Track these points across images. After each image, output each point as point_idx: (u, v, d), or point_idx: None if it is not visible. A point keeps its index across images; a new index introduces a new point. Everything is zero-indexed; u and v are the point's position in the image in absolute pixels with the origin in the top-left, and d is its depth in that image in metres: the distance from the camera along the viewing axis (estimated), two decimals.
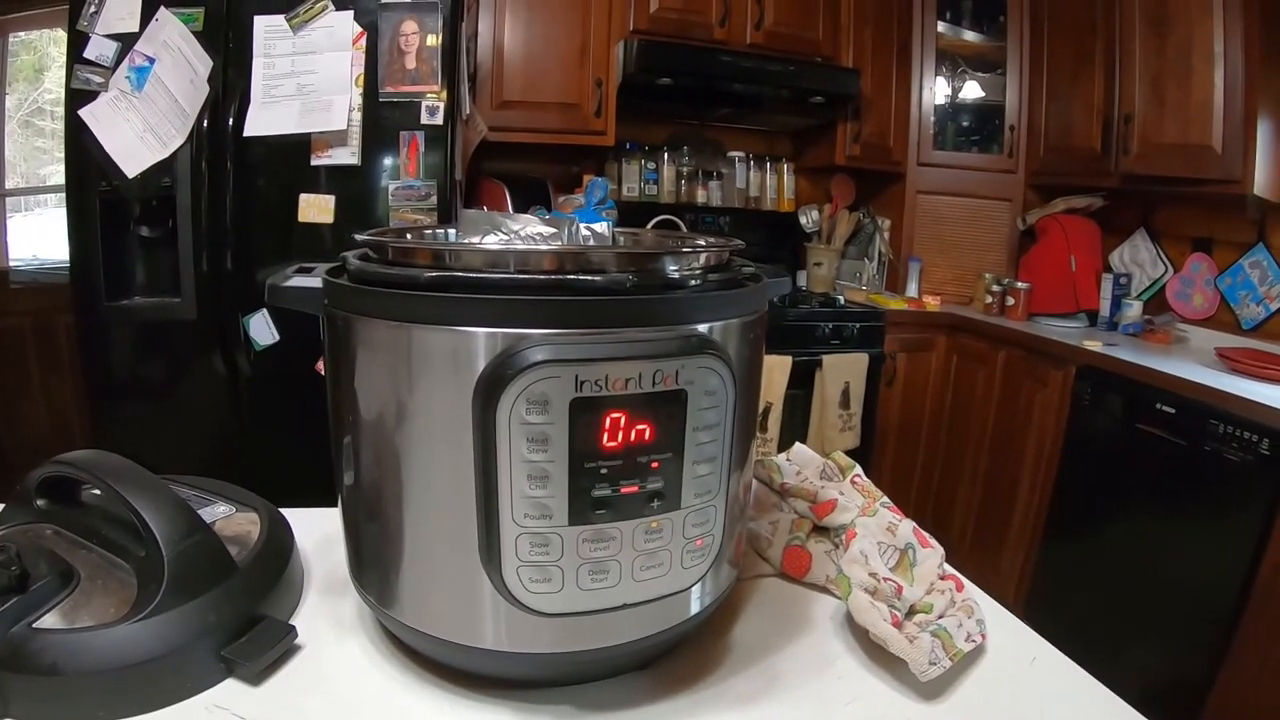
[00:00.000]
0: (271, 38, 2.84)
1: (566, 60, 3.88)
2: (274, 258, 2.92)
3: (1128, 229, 4.31)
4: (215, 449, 3.07)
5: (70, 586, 0.82)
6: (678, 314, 0.73)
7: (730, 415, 0.77)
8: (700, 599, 0.85)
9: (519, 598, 0.74)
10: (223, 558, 0.88)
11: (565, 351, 0.67)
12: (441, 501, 0.75)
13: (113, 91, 2.82)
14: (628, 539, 0.74)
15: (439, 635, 0.80)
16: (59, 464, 0.91)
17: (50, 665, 0.74)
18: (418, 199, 2.92)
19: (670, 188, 4.71)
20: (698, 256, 0.80)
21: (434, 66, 2.89)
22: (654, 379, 0.70)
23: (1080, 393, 3.49)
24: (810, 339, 3.96)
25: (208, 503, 1.05)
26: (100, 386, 3.05)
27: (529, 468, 0.69)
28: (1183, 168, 3.52)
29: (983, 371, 4.13)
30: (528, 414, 0.68)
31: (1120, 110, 3.81)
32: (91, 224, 2.88)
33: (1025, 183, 4.66)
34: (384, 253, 0.81)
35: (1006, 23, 4.60)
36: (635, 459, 0.71)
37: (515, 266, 0.72)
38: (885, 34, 4.52)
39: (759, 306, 0.83)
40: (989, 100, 4.75)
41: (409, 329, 0.71)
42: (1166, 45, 3.56)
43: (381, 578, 0.83)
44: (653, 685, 0.86)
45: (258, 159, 2.87)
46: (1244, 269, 3.73)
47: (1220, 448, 2.81)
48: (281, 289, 0.86)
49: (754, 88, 4.16)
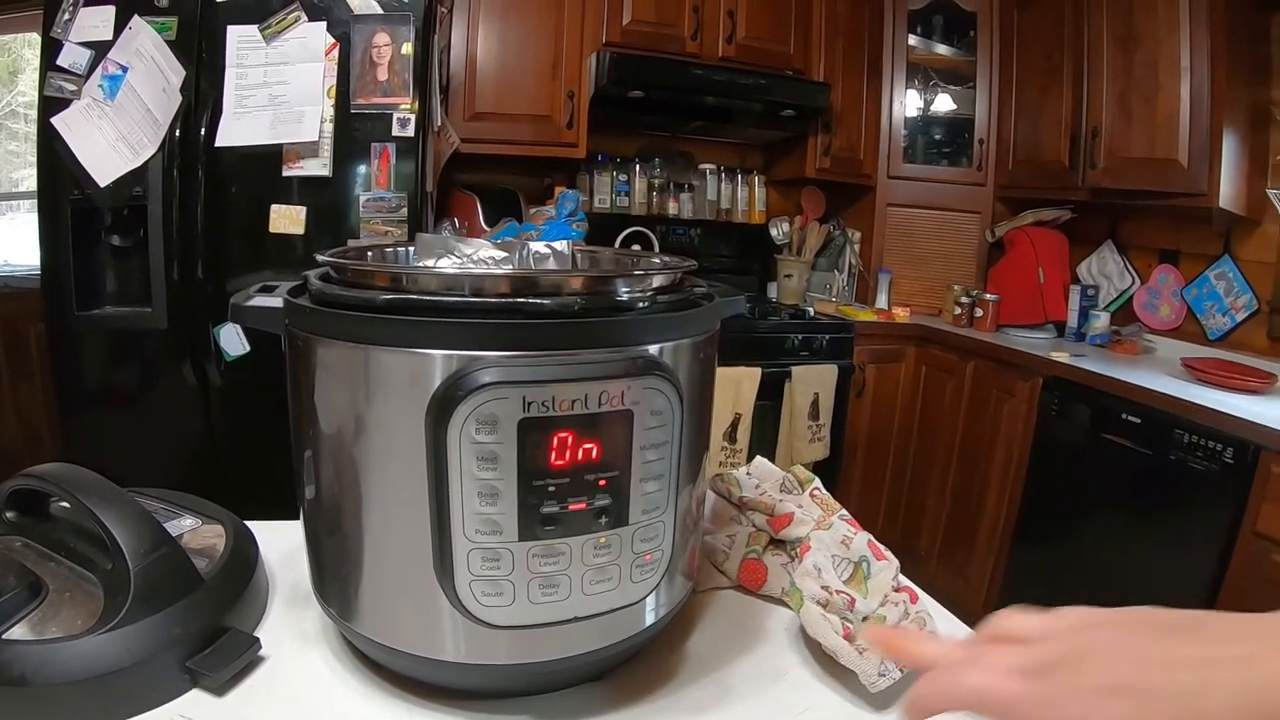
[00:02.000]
0: (244, 48, 2.84)
1: (539, 72, 3.89)
2: (245, 268, 2.93)
3: (1095, 241, 4.36)
4: (185, 459, 3.06)
5: (39, 598, 0.83)
6: (625, 336, 0.75)
7: (678, 433, 0.79)
8: (654, 611, 0.86)
9: (472, 611, 0.75)
10: (188, 570, 0.89)
11: (513, 373, 0.69)
12: (398, 517, 0.77)
13: (85, 99, 2.83)
14: (577, 554, 0.76)
15: (398, 647, 0.82)
16: (28, 477, 0.92)
17: (19, 676, 0.75)
18: (389, 210, 2.93)
19: (641, 200, 4.71)
20: (650, 278, 0.82)
21: (406, 78, 2.90)
22: (600, 400, 0.72)
23: (1047, 403, 3.52)
24: (780, 350, 3.98)
25: (174, 516, 1.06)
26: (71, 396, 3.04)
27: (479, 485, 0.71)
28: (1149, 181, 3.57)
29: (951, 382, 4.16)
30: (478, 433, 0.69)
31: (1088, 124, 3.85)
32: (63, 232, 2.87)
33: (994, 195, 4.69)
34: (344, 274, 0.82)
35: (976, 37, 4.64)
36: (583, 477, 0.73)
37: (469, 290, 0.73)
38: (856, 47, 4.55)
39: (710, 326, 0.85)
40: (959, 114, 4.79)
41: (366, 350, 0.73)
42: (1133, 61, 3.61)
43: (342, 591, 0.85)
44: (609, 695, 0.88)
45: (229, 169, 2.87)
46: (1210, 280, 3.77)
47: (1185, 457, 2.84)
48: (244, 308, 0.88)
49: (725, 101, 4.19)
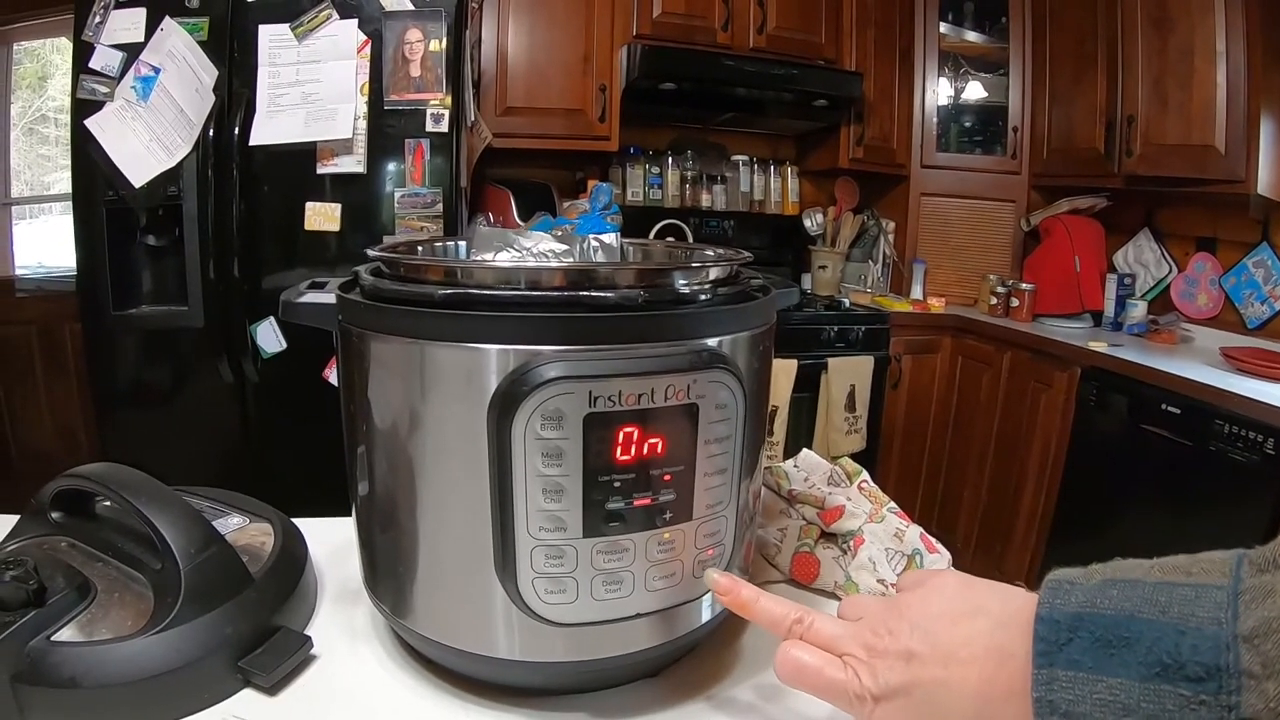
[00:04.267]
0: (276, 47, 2.85)
1: (570, 66, 3.88)
2: (280, 266, 2.94)
3: (1132, 229, 4.32)
4: (223, 457, 3.07)
5: (87, 599, 0.82)
6: (689, 329, 0.74)
7: (740, 427, 0.77)
8: (711, 607, 0.85)
9: (534, 608, 0.74)
10: (238, 570, 0.88)
11: (579, 368, 0.68)
12: (456, 514, 0.76)
13: (118, 101, 2.83)
14: (641, 550, 0.75)
15: (454, 645, 0.81)
16: (73, 477, 0.92)
17: (69, 678, 0.74)
18: (423, 207, 2.93)
19: (674, 192, 4.70)
20: (707, 270, 0.81)
21: (438, 74, 2.90)
22: (666, 394, 0.70)
23: (1085, 394, 3.49)
24: (815, 342, 3.96)
25: (221, 514, 1.05)
26: (107, 395, 3.06)
27: (544, 482, 0.70)
28: (1186, 168, 3.53)
29: (988, 373, 4.13)
30: (542, 429, 0.68)
31: (1123, 111, 3.81)
32: (98, 233, 2.89)
33: (1029, 184, 4.66)
34: (397, 269, 0.81)
35: (1009, 24, 4.60)
36: (648, 472, 0.72)
37: (528, 284, 0.72)
38: (888, 36, 4.52)
39: (768, 319, 0.84)
40: (992, 101, 4.76)
41: (423, 345, 0.72)
42: (1168, 46, 3.57)
43: (396, 588, 0.84)
44: (665, 692, 0.87)
45: (263, 168, 2.88)
46: (1248, 268, 3.73)
47: (1226, 448, 2.81)
48: (295, 305, 0.87)
49: (757, 92, 4.17)
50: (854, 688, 0.62)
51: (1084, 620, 0.50)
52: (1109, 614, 0.49)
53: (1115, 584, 0.51)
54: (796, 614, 0.70)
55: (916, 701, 0.59)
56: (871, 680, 0.61)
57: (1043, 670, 0.50)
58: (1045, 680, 0.49)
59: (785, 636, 0.69)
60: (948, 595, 0.63)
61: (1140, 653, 0.46)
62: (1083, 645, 0.49)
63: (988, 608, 0.60)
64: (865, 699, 0.61)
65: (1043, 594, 0.53)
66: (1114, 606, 0.49)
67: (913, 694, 0.59)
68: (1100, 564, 0.55)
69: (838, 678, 0.64)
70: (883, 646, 0.62)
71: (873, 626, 0.65)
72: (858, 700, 0.62)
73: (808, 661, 0.66)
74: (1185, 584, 0.48)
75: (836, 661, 0.65)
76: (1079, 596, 0.51)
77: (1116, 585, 0.51)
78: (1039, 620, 0.52)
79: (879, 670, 0.61)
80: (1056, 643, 0.50)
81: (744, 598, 0.75)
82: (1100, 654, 0.48)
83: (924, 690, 0.58)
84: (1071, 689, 0.48)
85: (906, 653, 0.60)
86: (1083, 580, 0.53)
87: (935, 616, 0.62)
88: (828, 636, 0.67)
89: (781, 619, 0.70)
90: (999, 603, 0.60)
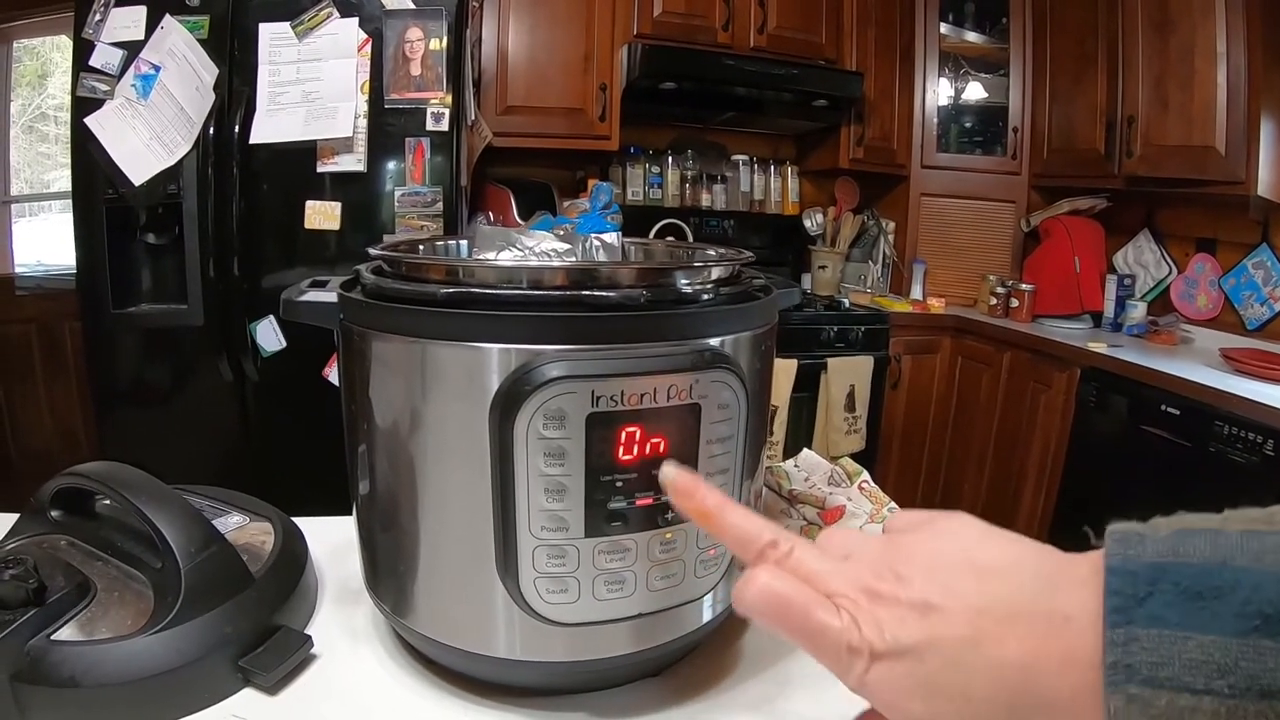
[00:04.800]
0: (277, 45, 2.84)
1: (570, 65, 3.88)
2: (280, 265, 2.93)
3: (1131, 230, 4.31)
4: (222, 456, 3.07)
5: (87, 598, 0.82)
6: (691, 329, 0.74)
7: (743, 427, 0.78)
8: (713, 607, 0.85)
9: (536, 608, 0.74)
10: (239, 569, 0.88)
11: (582, 367, 0.68)
12: (458, 513, 0.76)
13: (118, 99, 2.83)
14: (643, 550, 0.75)
15: (455, 644, 0.81)
16: (73, 475, 0.92)
17: (69, 677, 0.74)
18: (424, 205, 2.93)
19: (674, 192, 4.70)
20: (709, 270, 0.81)
21: (439, 73, 2.89)
22: (669, 393, 0.70)
23: (1085, 394, 3.49)
24: (815, 342, 3.96)
25: (222, 513, 1.05)
26: (107, 394, 3.05)
27: (546, 481, 0.70)
28: (1186, 169, 3.53)
29: (987, 373, 4.13)
30: (545, 429, 0.68)
31: (1123, 112, 3.81)
32: (97, 231, 2.89)
33: (1029, 184, 4.66)
34: (398, 267, 0.81)
35: (1009, 24, 4.60)
36: (650, 471, 0.72)
37: (530, 283, 0.72)
38: (888, 36, 4.52)
39: (769, 319, 0.84)
40: (992, 102, 4.76)
41: (425, 345, 0.72)
42: (1169, 46, 3.57)
43: (397, 587, 0.84)
44: (666, 692, 0.87)
45: (263, 166, 2.88)
46: (1248, 269, 3.73)
47: (1225, 449, 2.81)
48: (296, 304, 0.86)
49: (757, 91, 4.17)
50: (849, 638, 0.48)
51: (1166, 570, 0.41)
52: (1195, 563, 0.41)
53: (1193, 533, 0.43)
54: (771, 535, 0.53)
55: (932, 667, 0.46)
56: (875, 632, 0.48)
57: (1118, 630, 0.41)
58: (1121, 641, 0.40)
59: (753, 562, 0.53)
60: (966, 542, 0.52)
61: (1236, 604, 0.39)
62: (1166, 599, 0.40)
63: (1023, 561, 0.49)
64: (861, 654, 0.47)
65: (1110, 545, 0.44)
66: (1199, 555, 0.42)
67: (926, 657, 0.46)
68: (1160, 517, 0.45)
69: (829, 623, 0.48)
70: (889, 593, 0.49)
71: (872, 568, 0.51)
72: (850, 654, 0.48)
73: (790, 595, 0.50)
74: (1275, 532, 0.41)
75: (827, 603, 0.49)
76: (1155, 546, 0.43)
77: (1195, 534, 0.43)
78: (1110, 572, 0.43)
79: (885, 622, 0.48)
80: (1135, 597, 0.41)
81: (707, 505, 0.57)
82: (1188, 608, 0.40)
83: (944, 653, 0.46)
84: (1155, 650, 0.40)
85: (923, 604, 0.48)
86: (1150, 532, 0.44)
87: (955, 565, 0.50)
88: (811, 570, 0.52)
89: (753, 538, 0.54)
90: (1035, 555, 0.49)
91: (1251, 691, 0.37)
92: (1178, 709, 0.38)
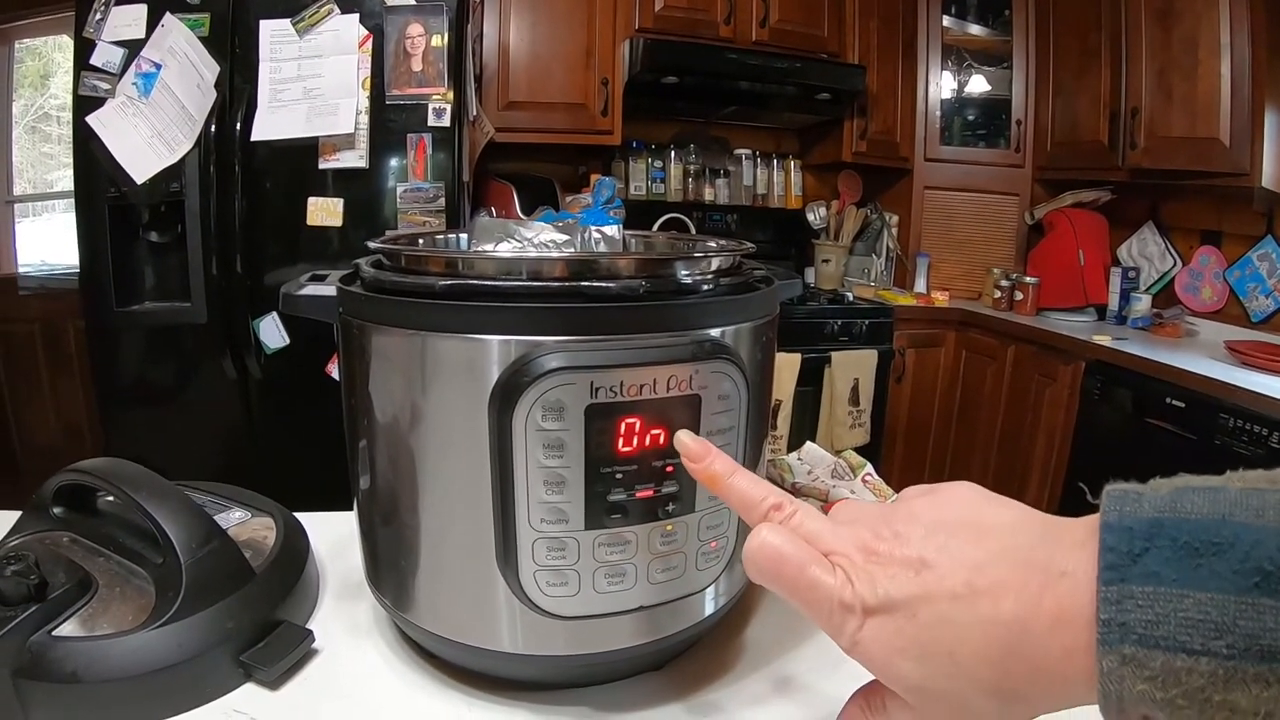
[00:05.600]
0: (277, 42, 2.84)
1: (572, 60, 3.88)
2: (283, 261, 2.94)
3: (1136, 222, 4.31)
4: (226, 452, 3.08)
5: (89, 594, 0.82)
6: (691, 319, 0.73)
7: (743, 418, 0.77)
8: (714, 600, 0.85)
9: (536, 601, 0.74)
10: (240, 564, 0.88)
11: (580, 358, 0.68)
12: (458, 507, 0.75)
13: (120, 98, 2.83)
14: (643, 542, 0.74)
15: (456, 638, 0.80)
16: (75, 472, 0.91)
17: (70, 673, 0.74)
18: (426, 201, 2.93)
19: (677, 186, 4.71)
20: (709, 261, 0.80)
21: (440, 68, 2.89)
22: (668, 384, 0.70)
23: (1090, 387, 3.49)
24: (819, 336, 3.97)
25: (223, 509, 1.05)
26: (110, 391, 3.06)
27: (545, 473, 0.70)
28: (1190, 161, 3.52)
29: (992, 367, 4.13)
30: (544, 420, 0.68)
31: (1127, 104, 3.81)
32: (100, 230, 2.89)
33: (1032, 177, 4.66)
34: (397, 260, 0.81)
35: (1012, 16, 4.60)
36: (650, 463, 0.72)
37: (529, 274, 0.72)
38: (891, 29, 4.52)
39: (770, 310, 0.83)
40: (995, 94, 4.76)
41: (424, 337, 0.72)
42: (1172, 38, 3.56)
43: (398, 582, 0.83)
44: (668, 686, 0.86)
45: (265, 163, 2.88)
46: (1252, 261, 3.72)
47: (1231, 442, 2.81)
48: (296, 297, 0.86)
49: (760, 85, 4.17)
50: (842, 594, 0.49)
51: (1163, 526, 0.41)
52: (1194, 518, 0.40)
53: (1193, 490, 0.42)
54: (776, 498, 0.57)
55: (922, 623, 0.47)
56: (868, 587, 0.49)
57: (1112, 587, 0.40)
58: (1115, 599, 0.40)
59: (756, 524, 0.56)
60: (967, 505, 0.53)
61: (1234, 560, 0.38)
62: (1163, 555, 0.40)
63: (1021, 523, 0.50)
64: (853, 610, 0.49)
65: (1106, 502, 0.44)
66: (1198, 511, 0.40)
67: (919, 612, 0.47)
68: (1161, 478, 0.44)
69: (822, 579, 0.50)
70: (885, 550, 0.50)
71: (872, 528, 0.52)
72: (842, 610, 0.50)
73: (787, 551, 0.52)
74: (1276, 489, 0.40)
75: (823, 560, 0.51)
76: (1153, 502, 0.42)
77: (1195, 491, 0.42)
78: (1105, 528, 0.42)
79: (878, 578, 0.49)
80: (1130, 553, 0.40)
81: (715, 469, 0.61)
82: (1185, 564, 0.39)
83: (935, 608, 0.47)
84: (1150, 607, 0.39)
85: (918, 560, 0.49)
86: (1149, 491, 0.43)
87: (953, 525, 0.50)
88: (811, 530, 0.54)
89: (758, 501, 0.57)
90: (1033, 518, 0.50)
91: (1250, 652, 0.37)
92: (1173, 670, 0.38)
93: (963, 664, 0.46)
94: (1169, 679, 0.38)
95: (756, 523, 0.56)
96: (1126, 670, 0.39)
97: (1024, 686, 0.45)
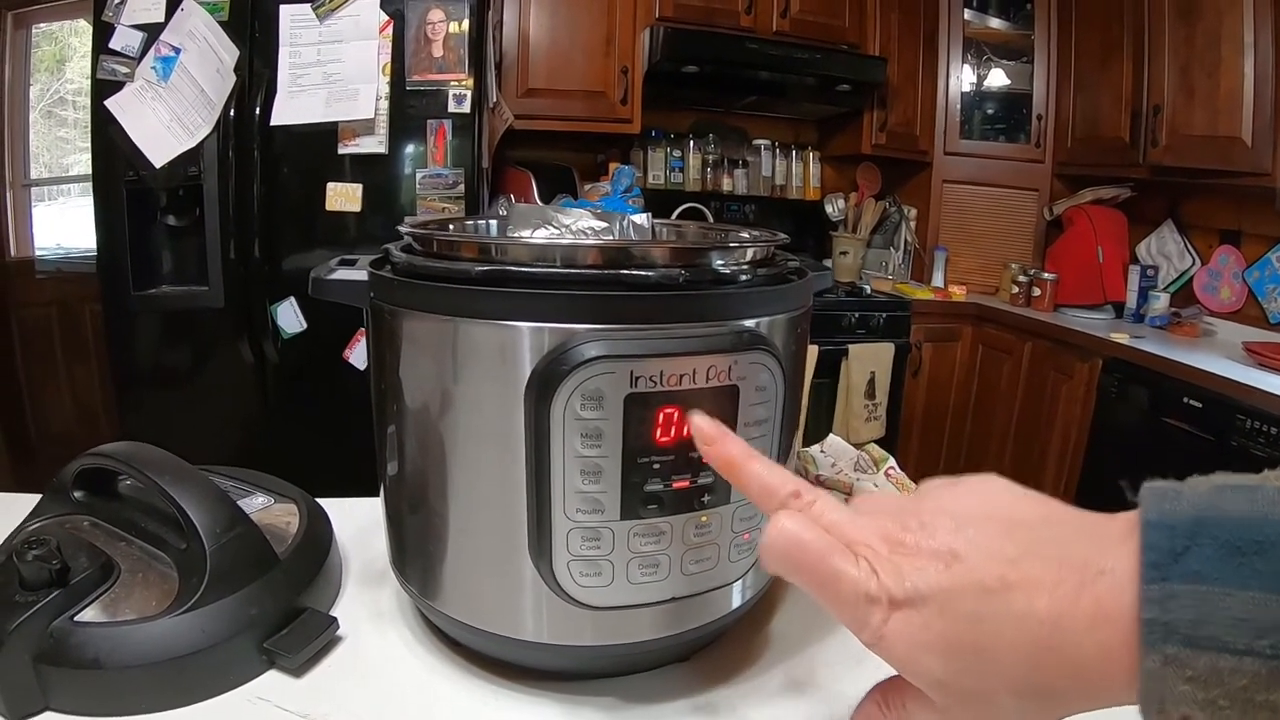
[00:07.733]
0: (297, 27, 2.84)
1: (592, 48, 3.87)
2: (301, 246, 2.94)
3: (1155, 220, 4.29)
4: (242, 437, 3.08)
5: (111, 579, 0.81)
6: (730, 309, 0.73)
7: (779, 409, 0.77)
8: (743, 592, 0.84)
9: (569, 591, 0.73)
10: (264, 550, 0.87)
11: (620, 347, 0.67)
12: (489, 495, 0.75)
13: (139, 82, 2.83)
14: (678, 533, 0.74)
15: (484, 627, 0.80)
16: (96, 456, 0.91)
17: (92, 659, 0.74)
18: (445, 187, 2.93)
19: (695, 176, 4.70)
20: (745, 251, 0.79)
21: (460, 55, 2.89)
22: (708, 374, 0.69)
23: (1106, 385, 3.48)
24: (836, 328, 3.96)
25: (246, 494, 1.04)
26: (127, 375, 3.07)
27: (582, 463, 0.69)
28: (1212, 159, 3.50)
29: (1008, 362, 4.12)
30: (582, 409, 0.67)
31: (1149, 100, 3.78)
32: (118, 214, 2.90)
33: (1052, 173, 4.64)
34: (430, 245, 0.80)
35: (1034, 10, 4.58)
36: (687, 454, 0.71)
37: (565, 261, 0.71)
38: (912, 21, 4.50)
39: (805, 301, 0.83)
40: (1016, 89, 4.74)
41: (458, 323, 0.71)
42: (1195, 34, 3.54)
43: (425, 569, 0.83)
44: (695, 677, 0.86)
45: (284, 148, 2.88)
46: (1272, 262, 3.70)
47: (1247, 443, 2.80)
48: (326, 282, 0.85)
49: (780, 75, 4.16)
50: (867, 586, 0.47)
51: (1206, 524, 0.40)
52: (1235, 516, 0.39)
53: (1232, 488, 0.41)
54: (794, 485, 0.53)
55: (951, 618, 0.45)
56: (894, 580, 0.46)
57: (1154, 585, 0.39)
58: (1158, 598, 0.39)
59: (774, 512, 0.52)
60: (995, 496, 0.51)
61: (1275, 559, 0.37)
62: (1206, 553, 0.39)
63: (1055, 517, 0.48)
64: (879, 602, 0.46)
65: (1145, 500, 0.43)
66: (1238, 510, 0.40)
67: (947, 607, 0.45)
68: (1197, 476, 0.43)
69: (845, 570, 0.47)
70: (912, 541, 0.48)
71: (897, 518, 0.50)
72: (867, 603, 0.47)
73: (808, 540, 0.49)
74: None
75: (845, 550, 0.48)
76: (1193, 500, 0.41)
77: (1234, 489, 0.41)
78: (1147, 526, 0.41)
79: (905, 570, 0.47)
80: (1172, 552, 0.39)
81: (732, 453, 0.57)
82: (1229, 563, 0.38)
83: (966, 604, 0.45)
84: (1194, 607, 0.38)
85: (948, 553, 0.46)
86: (1187, 489, 0.42)
87: (983, 517, 0.48)
88: (832, 519, 0.50)
89: (777, 488, 0.53)
90: (1067, 512, 0.48)
91: None
92: (1217, 670, 0.37)
93: (993, 661, 0.44)
94: (1212, 679, 0.37)
95: (774, 510, 0.52)
96: (1169, 671, 0.38)
97: (1057, 684, 0.43)
